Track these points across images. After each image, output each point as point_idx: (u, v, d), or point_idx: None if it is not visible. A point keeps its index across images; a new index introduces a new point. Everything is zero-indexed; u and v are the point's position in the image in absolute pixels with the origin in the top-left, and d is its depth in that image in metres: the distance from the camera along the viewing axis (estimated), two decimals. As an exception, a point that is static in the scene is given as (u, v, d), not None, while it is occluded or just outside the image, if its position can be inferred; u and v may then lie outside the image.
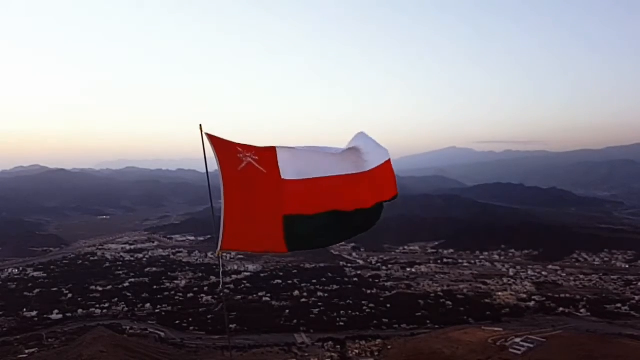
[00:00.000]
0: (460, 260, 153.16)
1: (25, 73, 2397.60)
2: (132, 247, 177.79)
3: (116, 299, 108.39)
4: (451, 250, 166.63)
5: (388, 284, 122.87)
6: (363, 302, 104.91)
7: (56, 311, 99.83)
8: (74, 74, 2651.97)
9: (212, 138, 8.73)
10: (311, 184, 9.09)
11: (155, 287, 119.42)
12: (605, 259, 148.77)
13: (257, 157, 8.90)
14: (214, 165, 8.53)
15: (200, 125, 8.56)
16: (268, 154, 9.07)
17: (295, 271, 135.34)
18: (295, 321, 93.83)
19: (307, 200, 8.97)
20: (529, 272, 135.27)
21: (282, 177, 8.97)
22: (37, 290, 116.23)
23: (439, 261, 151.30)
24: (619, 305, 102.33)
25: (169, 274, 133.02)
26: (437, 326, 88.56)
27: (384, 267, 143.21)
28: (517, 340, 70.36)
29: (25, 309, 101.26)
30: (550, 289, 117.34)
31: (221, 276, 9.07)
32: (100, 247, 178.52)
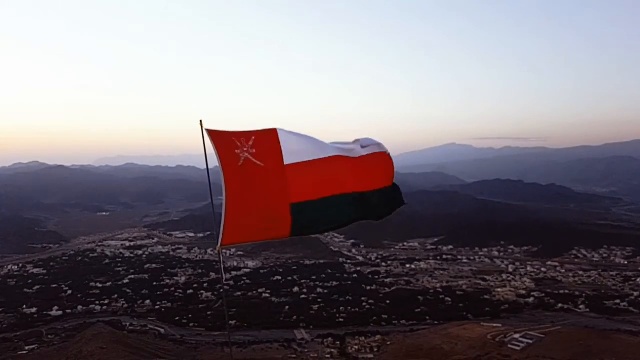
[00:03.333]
0: (459, 257, 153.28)
1: (24, 69, 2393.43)
2: (132, 243, 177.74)
3: (116, 296, 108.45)
4: (450, 247, 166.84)
5: (387, 280, 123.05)
6: (362, 298, 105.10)
7: (56, 308, 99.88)
8: (73, 70, 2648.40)
9: (212, 134, 8.62)
10: (316, 165, 9.06)
11: (155, 283, 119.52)
12: (604, 255, 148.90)
13: (254, 150, 8.81)
14: (214, 161, 8.47)
15: (201, 121, 8.49)
16: (268, 138, 8.99)
17: (294, 267, 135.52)
18: (294, 317, 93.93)
19: (313, 184, 8.97)
20: (528, 268, 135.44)
21: (285, 162, 8.90)
22: (36, 287, 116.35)
23: (438, 257, 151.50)
24: (617, 301, 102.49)
25: (169, 270, 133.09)
26: (436, 322, 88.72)
27: (383, 264, 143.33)
28: (516, 336, 70.59)
29: (24, 306, 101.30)
30: (550, 285, 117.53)
31: (222, 272, 9.13)
32: (99, 243, 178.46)
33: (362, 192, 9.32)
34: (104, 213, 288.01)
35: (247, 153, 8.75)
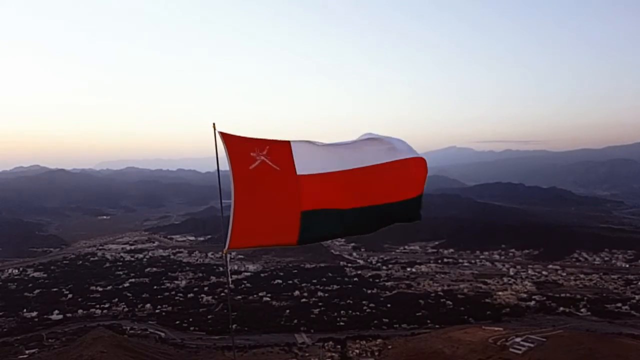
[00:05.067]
0: (460, 260, 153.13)
1: (25, 72, 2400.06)
2: (132, 247, 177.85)
3: (116, 299, 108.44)
4: (451, 250, 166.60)
5: (388, 283, 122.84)
6: (363, 302, 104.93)
7: (56, 311, 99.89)
8: (74, 73, 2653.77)
9: (225, 136, 8.58)
10: (328, 178, 8.92)
11: (155, 287, 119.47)
12: (606, 258, 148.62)
13: (270, 155, 8.77)
14: (226, 165, 8.44)
15: (214, 124, 8.44)
16: (282, 149, 8.93)
17: (295, 271, 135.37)
18: (295, 321, 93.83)
19: (325, 196, 8.81)
20: (529, 271, 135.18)
21: (298, 172, 8.80)
22: (37, 291, 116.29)
23: (439, 261, 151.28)
24: (619, 304, 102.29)
25: (169, 274, 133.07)
26: (437, 326, 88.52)
27: (384, 267, 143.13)
28: (518, 339, 70.31)
29: (25, 310, 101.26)
30: (551, 289, 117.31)
31: (228, 275, 9.07)
32: (100, 247, 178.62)
33: (379, 205, 8.92)
34: (105, 217, 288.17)
35: (263, 156, 8.72)
